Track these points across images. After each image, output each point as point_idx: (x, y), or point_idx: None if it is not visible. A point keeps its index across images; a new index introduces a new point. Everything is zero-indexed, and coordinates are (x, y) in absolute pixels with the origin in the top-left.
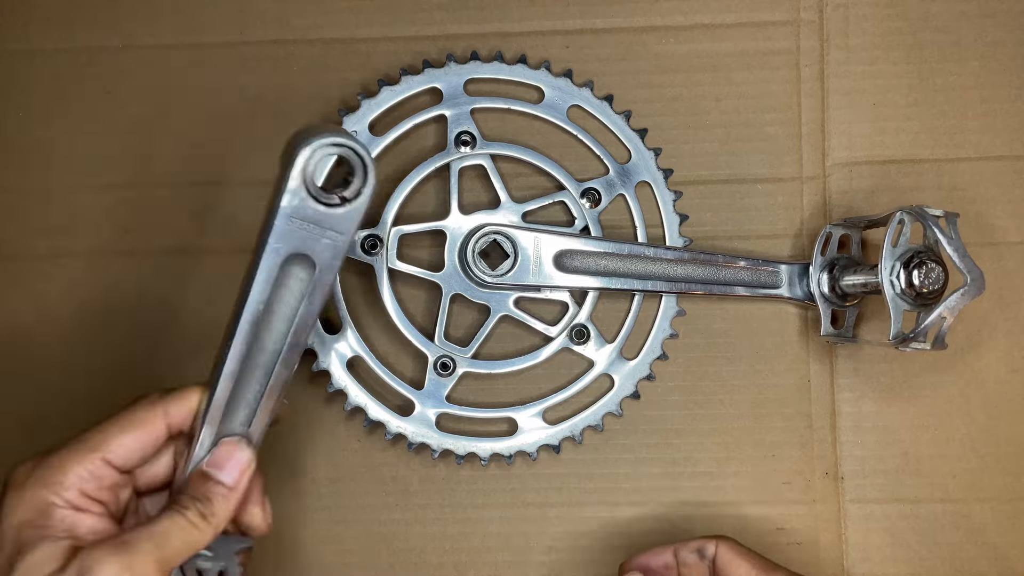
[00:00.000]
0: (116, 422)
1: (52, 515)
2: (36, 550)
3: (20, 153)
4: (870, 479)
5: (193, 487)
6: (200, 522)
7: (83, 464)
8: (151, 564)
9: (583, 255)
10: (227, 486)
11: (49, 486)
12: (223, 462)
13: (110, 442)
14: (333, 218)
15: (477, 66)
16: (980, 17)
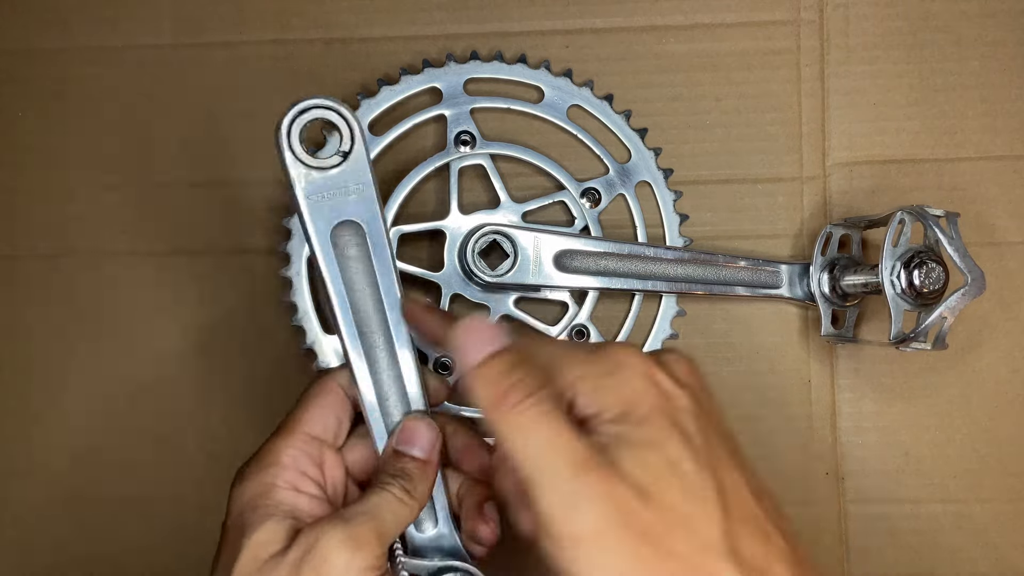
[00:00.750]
0: (301, 402)
1: (273, 495)
2: (260, 528)
3: (20, 153)
4: (871, 479)
5: (390, 465)
6: (405, 496)
7: (291, 443)
8: (371, 534)
9: (583, 255)
10: (420, 459)
11: (268, 468)
12: (412, 438)
13: (304, 417)
14: (346, 175)
15: (477, 66)
16: (980, 17)
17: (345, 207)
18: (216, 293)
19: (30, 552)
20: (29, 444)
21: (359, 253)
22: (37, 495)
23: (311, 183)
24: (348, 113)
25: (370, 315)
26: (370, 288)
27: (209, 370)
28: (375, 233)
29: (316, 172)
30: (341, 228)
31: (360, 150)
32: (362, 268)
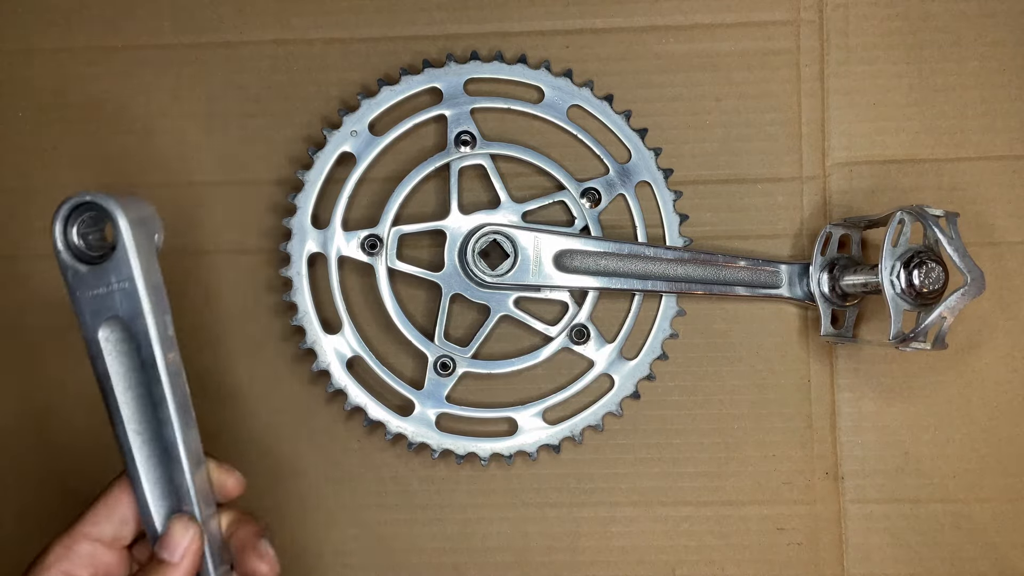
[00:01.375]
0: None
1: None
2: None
3: (20, 153)
4: (870, 479)
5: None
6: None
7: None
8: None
9: (583, 255)
10: (170, 563)
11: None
12: (167, 540)
13: (85, 516)
14: (113, 270)
15: (477, 66)
16: (980, 17)
17: (111, 303)
18: (216, 293)
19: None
20: (30, 444)
21: (127, 349)
22: (39, 496)
23: (77, 276)
24: (114, 207)
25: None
26: (140, 386)
27: (209, 370)
28: (140, 331)
29: (84, 266)
30: (110, 323)
31: (124, 245)
32: (131, 364)
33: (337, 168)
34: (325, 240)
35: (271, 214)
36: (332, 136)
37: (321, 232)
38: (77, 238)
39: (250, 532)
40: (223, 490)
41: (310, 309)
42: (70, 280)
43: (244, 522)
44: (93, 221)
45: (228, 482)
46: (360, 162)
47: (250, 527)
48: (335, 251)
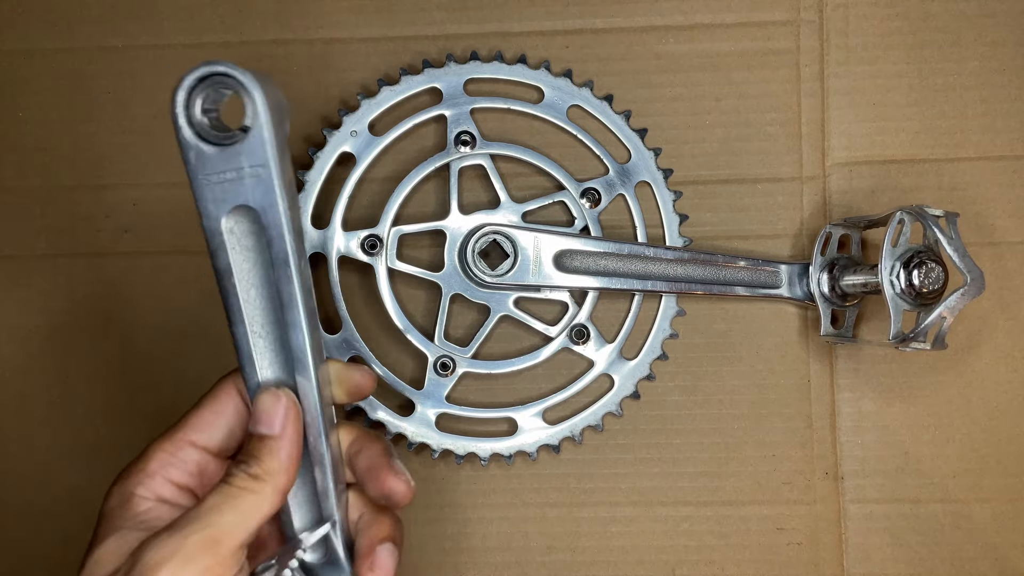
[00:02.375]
0: (196, 403)
1: (131, 506)
2: (101, 545)
3: (20, 153)
4: (870, 479)
5: (242, 452)
6: (252, 483)
7: (166, 449)
8: (198, 545)
9: (583, 255)
10: (268, 436)
11: (132, 476)
12: (260, 415)
13: (189, 420)
14: (245, 153)
15: (477, 66)
16: (980, 17)
17: (240, 190)
18: (216, 293)
19: (33, 552)
20: (30, 444)
21: (254, 243)
22: (39, 496)
23: (204, 159)
24: (251, 84)
25: (264, 311)
26: (264, 282)
27: (209, 370)
28: (273, 222)
29: (210, 147)
30: (237, 213)
31: (261, 126)
32: (257, 259)
33: (337, 168)
34: (325, 240)
35: None
36: (332, 136)
37: (321, 232)
38: (201, 114)
39: (377, 451)
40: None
41: None
42: (192, 162)
43: (368, 440)
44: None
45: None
46: (360, 162)
47: (376, 445)
48: (335, 251)
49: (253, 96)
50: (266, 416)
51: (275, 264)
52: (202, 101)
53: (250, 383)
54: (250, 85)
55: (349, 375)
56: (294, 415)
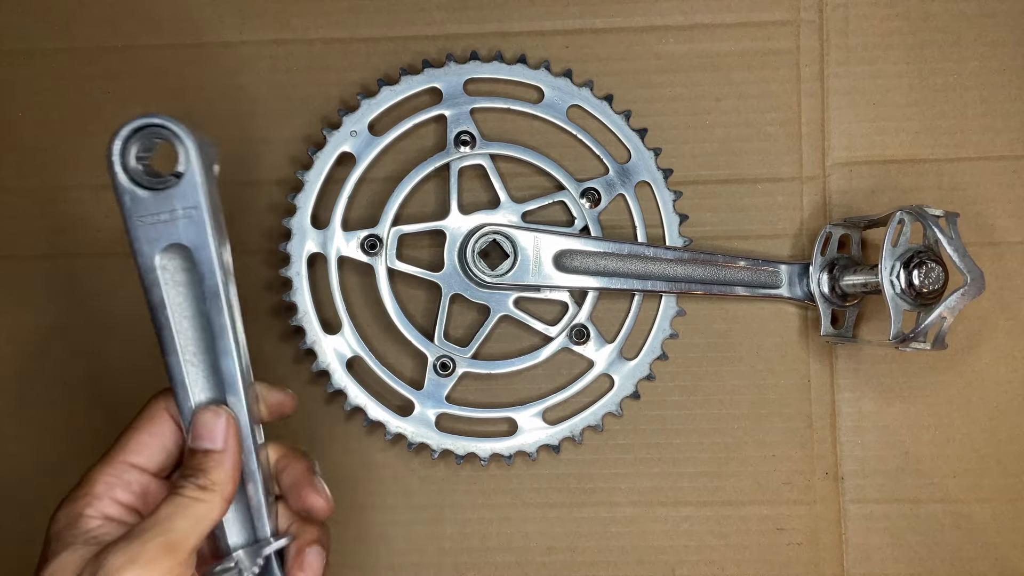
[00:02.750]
0: (131, 425)
1: (80, 525)
2: (55, 560)
3: (20, 153)
4: (870, 479)
5: (185, 465)
6: (201, 493)
7: (106, 472)
8: (157, 550)
9: (583, 255)
10: (213, 450)
11: (78, 499)
12: (201, 430)
13: (127, 443)
14: (178, 196)
15: (477, 66)
16: (980, 17)
17: (173, 231)
18: None
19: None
20: (30, 444)
21: (186, 278)
22: (39, 496)
23: (138, 202)
24: (184, 133)
25: (196, 341)
26: (196, 314)
27: None
28: (205, 259)
29: (144, 191)
30: (170, 251)
31: (194, 172)
32: (188, 292)
33: (337, 168)
34: (325, 240)
35: (271, 214)
36: (332, 136)
37: (321, 232)
38: (135, 161)
39: (302, 468)
40: (279, 408)
41: (310, 309)
42: (127, 205)
43: (294, 457)
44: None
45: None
46: (360, 162)
47: (301, 463)
48: (335, 251)
49: (186, 145)
50: (208, 432)
51: (207, 297)
52: (137, 149)
53: (183, 407)
54: (183, 135)
55: (272, 395)
56: (234, 430)
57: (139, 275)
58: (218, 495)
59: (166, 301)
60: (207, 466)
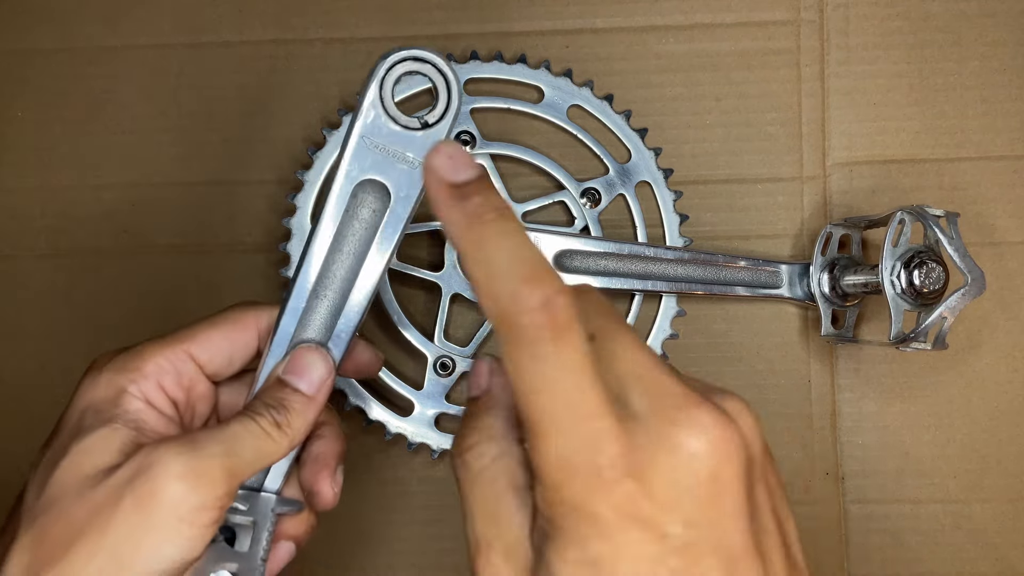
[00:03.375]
0: (207, 319)
1: (121, 402)
2: (93, 435)
3: (20, 153)
4: (871, 479)
5: (268, 394)
6: (274, 431)
7: (165, 355)
8: (218, 469)
9: (583, 255)
10: (305, 395)
11: (126, 372)
12: (301, 368)
13: (197, 335)
14: (412, 143)
15: (477, 66)
16: (981, 17)
17: (389, 170)
18: (216, 293)
19: None
20: (30, 444)
21: (370, 219)
22: None
23: (375, 127)
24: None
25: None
26: (354, 256)
27: None
28: (396, 212)
29: (389, 121)
30: (369, 185)
31: (441, 130)
32: (361, 234)
33: (337, 168)
34: None
35: (271, 214)
36: (332, 136)
37: None
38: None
39: (333, 449)
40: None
41: None
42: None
43: (332, 434)
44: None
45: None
46: None
47: (335, 443)
48: None
49: (452, 103)
50: (306, 373)
51: (377, 243)
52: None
53: (282, 331)
54: (455, 95)
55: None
56: (330, 384)
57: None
58: (287, 439)
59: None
60: (291, 406)
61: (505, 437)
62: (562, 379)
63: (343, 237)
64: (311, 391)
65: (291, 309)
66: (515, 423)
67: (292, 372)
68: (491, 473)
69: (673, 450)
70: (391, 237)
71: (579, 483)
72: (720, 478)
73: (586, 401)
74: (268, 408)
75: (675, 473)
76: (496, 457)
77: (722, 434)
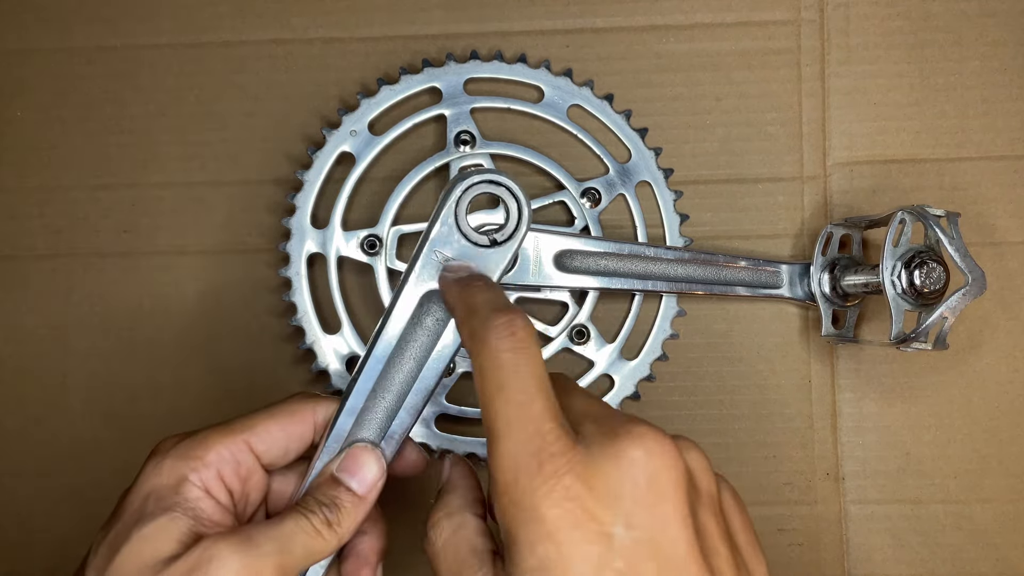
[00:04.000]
0: (266, 410)
1: (182, 490)
2: (154, 523)
3: (20, 153)
4: (871, 480)
5: (320, 491)
6: (325, 530)
7: (226, 444)
8: (272, 568)
9: (583, 255)
10: (357, 494)
11: (188, 459)
12: (354, 468)
13: (256, 426)
14: (479, 259)
15: (477, 65)
16: (981, 17)
17: None
18: (216, 293)
19: (32, 553)
20: (30, 444)
21: (433, 328)
22: (39, 496)
23: (445, 240)
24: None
25: (398, 381)
26: (415, 362)
27: (208, 370)
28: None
29: (461, 237)
30: (435, 296)
31: (508, 251)
32: (424, 341)
33: (337, 168)
34: (324, 240)
35: (270, 214)
36: (331, 136)
37: (320, 232)
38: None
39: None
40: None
41: (309, 309)
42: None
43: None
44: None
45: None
46: (360, 162)
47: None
48: (334, 251)
49: (521, 227)
50: (360, 473)
51: (432, 355)
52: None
53: (339, 429)
54: (525, 220)
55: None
56: (380, 485)
57: (394, 297)
58: (337, 538)
59: (401, 333)
60: (343, 505)
61: (463, 512)
62: (516, 383)
63: (406, 343)
64: (363, 491)
65: (349, 408)
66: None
67: (346, 471)
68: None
69: (614, 456)
70: (451, 346)
71: (524, 480)
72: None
73: (534, 405)
74: (320, 506)
75: (616, 474)
76: (456, 529)
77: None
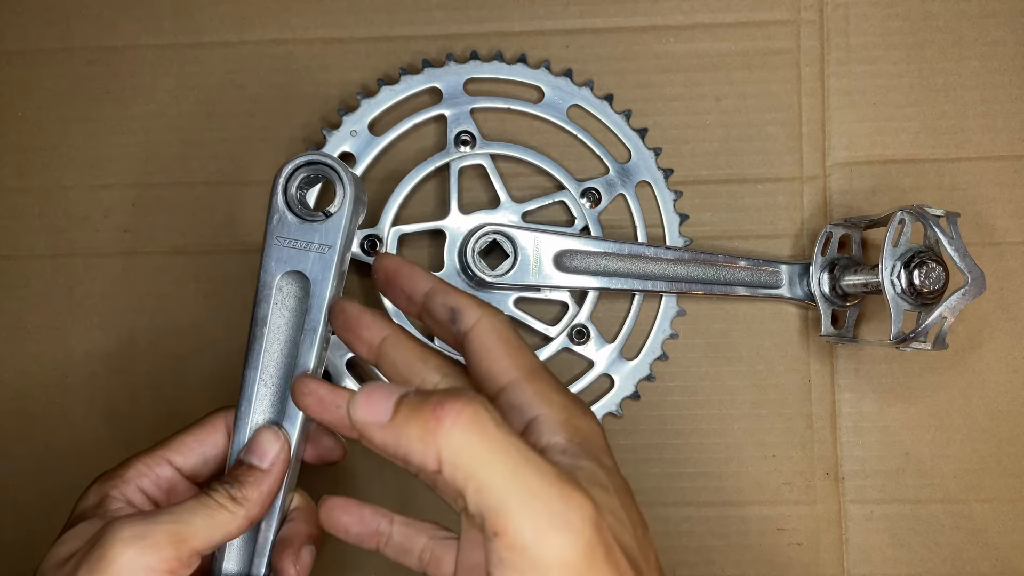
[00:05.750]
0: (184, 428)
1: (103, 505)
2: (74, 529)
3: (20, 153)
4: (871, 480)
5: (228, 474)
6: (228, 503)
7: (144, 461)
8: (164, 534)
9: (583, 255)
10: (259, 468)
11: (110, 480)
12: (255, 447)
13: (172, 442)
14: (320, 232)
15: (477, 66)
16: (981, 17)
17: (303, 260)
18: (216, 293)
19: (32, 553)
20: (30, 445)
21: (294, 306)
22: (39, 496)
23: (284, 225)
24: (348, 182)
25: (278, 364)
26: (288, 341)
27: (208, 370)
28: (318, 295)
29: (293, 217)
30: (291, 276)
31: (342, 217)
32: (290, 320)
33: None
34: None
35: None
36: (332, 136)
37: None
38: (295, 190)
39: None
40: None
41: None
42: (273, 223)
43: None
44: (313, 182)
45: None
46: (360, 162)
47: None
48: None
49: (346, 192)
50: (260, 449)
51: (305, 329)
52: (301, 180)
53: (241, 421)
54: (347, 183)
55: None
56: (284, 457)
57: (256, 288)
58: (244, 511)
59: (268, 319)
60: (246, 480)
61: None
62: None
63: (277, 328)
64: (264, 464)
65: (245, 399)
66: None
67: (248, 451)
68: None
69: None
70: (318, 315)
71: None
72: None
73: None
74: (223, 484)
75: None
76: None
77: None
